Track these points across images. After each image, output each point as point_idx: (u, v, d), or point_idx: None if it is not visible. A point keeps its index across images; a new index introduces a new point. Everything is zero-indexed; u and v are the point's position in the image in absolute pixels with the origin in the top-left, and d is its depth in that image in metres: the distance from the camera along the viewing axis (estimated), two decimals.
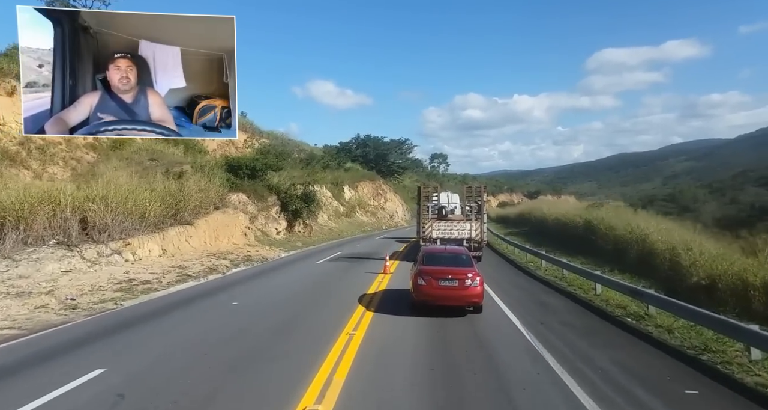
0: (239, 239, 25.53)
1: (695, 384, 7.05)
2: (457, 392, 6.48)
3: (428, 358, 7.97)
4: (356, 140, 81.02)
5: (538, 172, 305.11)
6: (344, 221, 45.99)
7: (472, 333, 9.74)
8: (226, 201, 26.98)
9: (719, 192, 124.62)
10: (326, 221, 41.30)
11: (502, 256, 26.38)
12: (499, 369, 7.55)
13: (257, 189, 29.87)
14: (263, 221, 28.88)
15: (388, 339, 9.09)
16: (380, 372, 7.21)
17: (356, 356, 7.85)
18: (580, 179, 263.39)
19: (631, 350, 8.84)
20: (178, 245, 21.18)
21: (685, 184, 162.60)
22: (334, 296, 13.51)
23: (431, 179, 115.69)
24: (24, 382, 6.59)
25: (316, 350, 8.09)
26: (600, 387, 6.71)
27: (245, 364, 7.42)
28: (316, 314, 11.25)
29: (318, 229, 37.99)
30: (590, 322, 11.18)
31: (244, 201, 28.70)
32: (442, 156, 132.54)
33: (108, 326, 9.86)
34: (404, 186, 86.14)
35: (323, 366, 7.25)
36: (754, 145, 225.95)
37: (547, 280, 17.15)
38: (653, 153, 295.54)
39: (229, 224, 25.33)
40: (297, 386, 6.43)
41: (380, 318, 10.68)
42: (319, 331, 9.47)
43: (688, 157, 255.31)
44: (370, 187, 60.78)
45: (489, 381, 6.94)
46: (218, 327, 9.86)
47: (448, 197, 24.30)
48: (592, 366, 7.67)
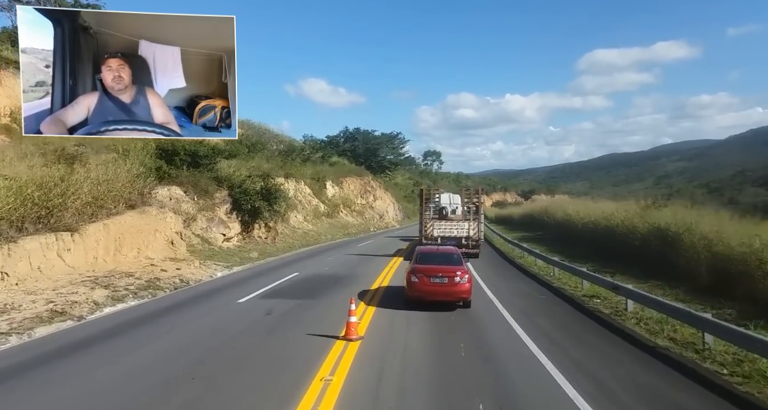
0: (160, 249, 17.58)
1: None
2: None
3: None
4: (344, 134, 73.05)
5: (531, 171, 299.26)
6: (324, 222, 38.07)
7: None
8: (148, 197, 19.06)
9: (717, 192, 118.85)
10: (301, 223, 33.37)
11: (522, 270, 18.68)
12: None
13: (199, 182, 21.94)
14: (204, 225, 20.93)
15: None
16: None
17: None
18: (572, 179, 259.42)
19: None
20: (42, 263, 13.22)
21: (680, 183, 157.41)
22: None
23: (424, 177, 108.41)
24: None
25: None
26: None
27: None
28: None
29: (289, 232, 30.07)
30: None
31: (178, 197, 20.75)
32: (435, 154, 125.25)
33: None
34: (396, 184, 78.30)
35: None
36: (745, 145, 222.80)
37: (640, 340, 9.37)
38: (644, 153, 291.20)
39: (144, 230, 17.37)
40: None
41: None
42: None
43: (680, 157, 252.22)
44: (357, 183, 52.82)
45: None
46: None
47: (450, 198, 24.29)
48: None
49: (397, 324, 9.86)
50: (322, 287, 13.90)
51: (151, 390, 6.20)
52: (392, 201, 63.07)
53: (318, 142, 63.58)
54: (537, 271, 18.33)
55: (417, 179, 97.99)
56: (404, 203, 73.87)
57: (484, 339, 8.93)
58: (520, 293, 14.11)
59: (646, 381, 6.86)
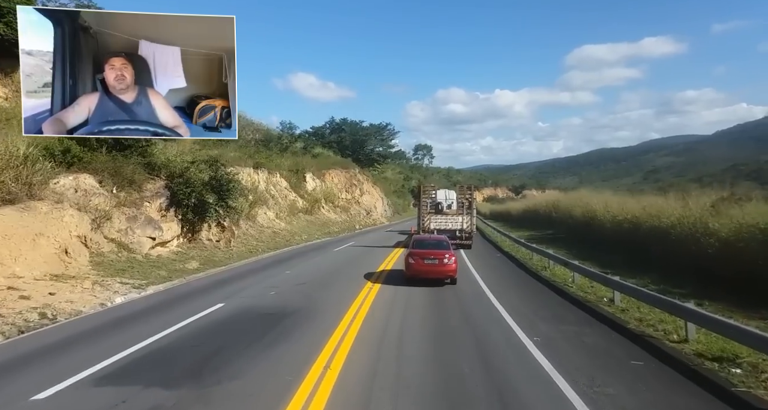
0: (41, 263, 12.03)
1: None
2: None
3: None
4: (331, 124, 67.37)
5: (520, 167, 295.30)
6: (301, 219, 32.59)
7: None
8: (41, 189, 13.53)
9: (710, 187, 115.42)
10: (272, 221, 27.86)
11: (554, 288, 13.44)
12: None
13: (123, 169, 16.35)
14: (124, 225, 15.34)
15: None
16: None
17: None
18: (561, 173, 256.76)
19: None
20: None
21: (669, 178, 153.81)
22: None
23: (415, 171, 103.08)
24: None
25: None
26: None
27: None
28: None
29: (255, 233, 24.58)
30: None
31: (88, 188, 15.17)
32: (426, 148, 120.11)
33: None
34: (386, 178, 72.82)
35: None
36: (732, 140, 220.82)
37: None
38: (632, 148, 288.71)
39: (15, 235, 11.80)
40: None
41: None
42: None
43: (668, 152, 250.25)
44: (342, 176, 47.28)
45: None
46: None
47: (446, 194, 25.36)
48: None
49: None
50: (242, 343, 7.47)
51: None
52: (381, 196, 57.69)
53: (302, 133, 57.95)
54: (576, 291, 13.02)
55: (408, 174, 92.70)
56: (394, 198, 68.48)
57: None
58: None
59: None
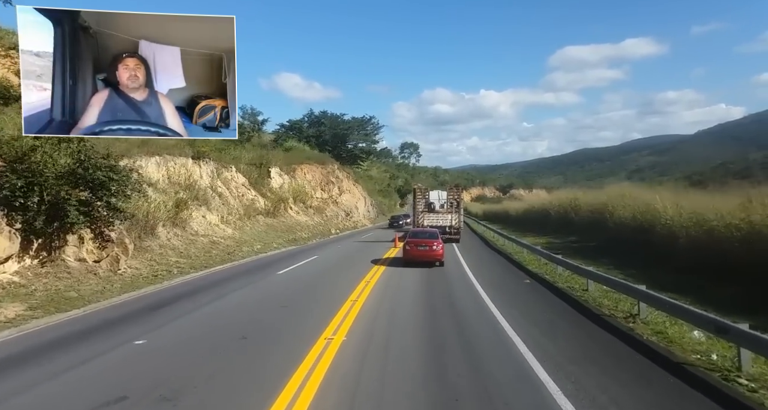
0: None
1: None
2: None
3: None
4: (309, 117, 60.10)
5: (506, 167, 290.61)
6: (259, 223, 25.46)
7: None
8: None
9: (700, 185, 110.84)
10: (212, 227, 20.70)
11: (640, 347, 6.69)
12: None
13: None
14: None
15: None
16: None
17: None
18: (546, 173, 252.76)
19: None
20: None
21: (653, 177, 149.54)
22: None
23: (402, 170, 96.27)
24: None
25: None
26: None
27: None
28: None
29: (179, 244, 17.43)
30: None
31: None
32: (413, 146, 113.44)
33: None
34: (370, 176, 65.78)
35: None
36: (714, 140, 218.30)
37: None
38: (615, 148, 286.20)
39: None
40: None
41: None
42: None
43: (650, 152, 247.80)
44: (317, 172, 40.14)
45: None
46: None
47: (438, 194, 28.15)
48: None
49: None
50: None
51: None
52: (363, 196, 50.66)
53: (278, 128, 50.74)
54: (690, 359, 6.30)
55: (394, 173, 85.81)
56: (379, 198, 61.40)
57: None
58: None
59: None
